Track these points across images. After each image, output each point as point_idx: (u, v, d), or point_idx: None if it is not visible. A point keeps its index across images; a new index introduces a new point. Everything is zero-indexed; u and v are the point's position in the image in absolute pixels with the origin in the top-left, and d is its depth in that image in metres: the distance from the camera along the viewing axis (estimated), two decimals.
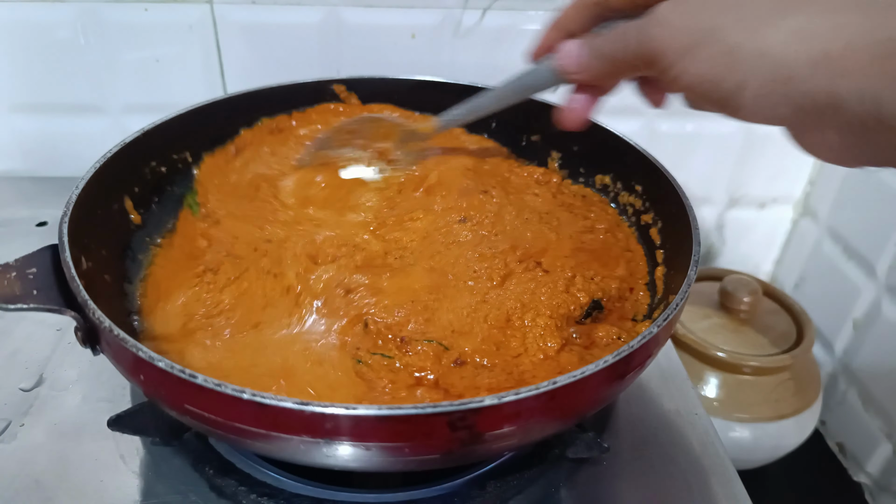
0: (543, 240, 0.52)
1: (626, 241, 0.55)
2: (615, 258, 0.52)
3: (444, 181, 0.56)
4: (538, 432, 0.37)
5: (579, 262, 0.50)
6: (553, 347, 0.43)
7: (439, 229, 0.52)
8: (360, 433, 0.32)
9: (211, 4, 0.72)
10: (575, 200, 0.59)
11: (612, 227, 0.55)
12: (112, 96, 0.77)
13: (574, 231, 0.54)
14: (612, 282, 0.49)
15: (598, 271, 0.50)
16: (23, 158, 0.81)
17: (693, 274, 0.41)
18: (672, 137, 0.84)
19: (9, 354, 0.54)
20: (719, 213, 0.92)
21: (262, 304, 0.46)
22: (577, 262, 0.50)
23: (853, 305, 0.81)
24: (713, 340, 0.74)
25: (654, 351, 0.40)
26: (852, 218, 0.83)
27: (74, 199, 0.44)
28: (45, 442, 0.47)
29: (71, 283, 0.38)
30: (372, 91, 0.66)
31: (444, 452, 0.34)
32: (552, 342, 0.43)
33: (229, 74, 0.77)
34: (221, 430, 0.35)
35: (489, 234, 0.52)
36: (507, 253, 0.49)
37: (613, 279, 0.49)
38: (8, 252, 0.40)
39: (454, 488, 0.45)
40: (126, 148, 0.51)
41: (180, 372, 0.32)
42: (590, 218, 0.56)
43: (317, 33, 0.74)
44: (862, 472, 0.80)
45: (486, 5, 0.74)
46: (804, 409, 0.74)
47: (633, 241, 0.55)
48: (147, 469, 0.45)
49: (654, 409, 0.52)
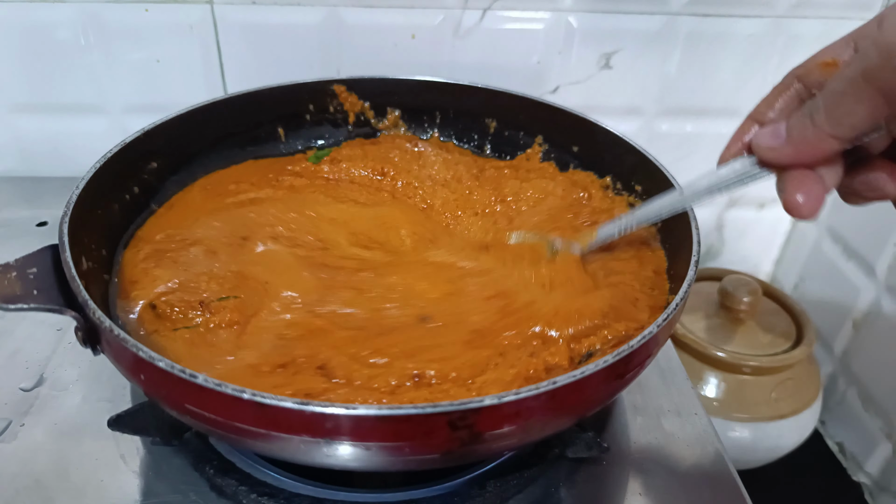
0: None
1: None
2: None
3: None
4: (538, 432, 0.37)
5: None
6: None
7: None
8: (360, 433, 0.32)
9: (211, 5, 0.72)
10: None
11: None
12: (112, 96, 0.77)
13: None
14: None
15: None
16: (23, 158, 0.81)
17: (693, 274, 0.41)
18: (672, 137, 0.84)
19: (9, 354, 0.54)
20: (719, 213, 0.92)
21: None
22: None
23: (853, 305, 0.81)
24: (713, 340, 0.74)
25: (653, 351, 0.40)
26: (852, 218, 0.83)
27: (75, 199, 0.44)
28: (46, 442, 0.47)
29: (71, 284, 0.38)
30: (372, 91, 0.66)
31: (444, 452, 0.34)
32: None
33: (229, 75, 0.77)
34: (221, 430, 0.35)
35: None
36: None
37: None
38: (8, 252, 0.40)
39: (454, 488, 0.45)
40: (126, 148, 0.51)
41: (181, 372, 0.32)
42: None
43: (317, 34, 0.75)
44: (861, 472, 0.80)
45: (486, 5, 0.74)
46: (804, 409, 0.74)
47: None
48: (147, 469, 0.45)
49: (654, 409, 0.52)
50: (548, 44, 0.76)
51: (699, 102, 0.82)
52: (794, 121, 0.33)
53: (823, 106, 0.31)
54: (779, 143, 0.34)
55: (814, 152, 0.33)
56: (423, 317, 0.45)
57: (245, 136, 0.64)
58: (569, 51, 0.77)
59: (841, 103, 0.30)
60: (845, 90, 0.30)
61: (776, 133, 0.34)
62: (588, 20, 0.75)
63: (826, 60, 0.35)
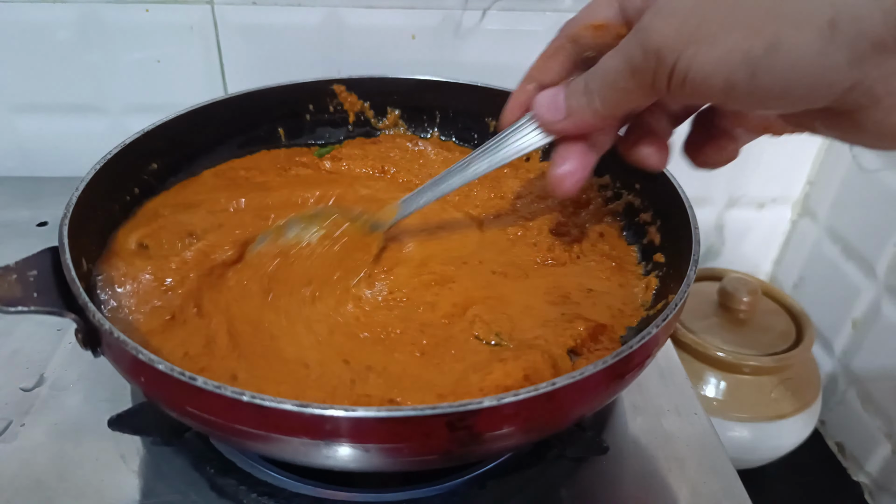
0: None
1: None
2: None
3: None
4: (537, 432, 0.37)
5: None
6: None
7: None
8: (360, 434, 0.32)
9: (212, 5, 0.72)
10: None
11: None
12: (112, 97, 0.77)
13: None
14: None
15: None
16: (23, 158, 0.81)
17: (693, 274, 0.41)
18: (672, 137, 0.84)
19: (9, 354, 0.54)
20: (719, 213, 0.92)
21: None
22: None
23: (853, 305, 0.81)
24: (713, 340, 0.74)
25: (653, 351, 0.40)
26: (852, 218, 0.83)
27: (75, 200, 0.44)
28: (46, 442, 0.47)
29: (71, 286, 0.38)
30: (372, 91, 0.66)
31: (444, 453, 0.34)
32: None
33: (230, 75, 0.77)
34: (221, 432, 0.35)
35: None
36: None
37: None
38: (8, 252, 0.40)
39: (454, 488, 0.45)
40: (127, 149, 0.51)
41: (180, 374, 0.32)
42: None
43: (317, 34, 0.74)
44: (861, 471, 0.80)
45: (486, 6, 0.74)
46: (804, 408, 0.74)
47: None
48: (147, 469, 0.46)
49: (654, 409, 0.52)
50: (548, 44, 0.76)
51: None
52: (573, 99, 0.36)
53: (598, 92, 0.34)
54: (559, 117, 0.37)
55: (591, 128, 0.37)
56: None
57: (245, 136, 0.64)
58: None
59: (614, 92, 0.34)
60: (616, 81, 0.33)
61: (556, 106, 0.37)
62: None
63: (595, 23, 0.37)
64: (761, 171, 0.88)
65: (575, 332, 0.44)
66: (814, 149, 0.87)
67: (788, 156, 0.87)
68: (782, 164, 0.88)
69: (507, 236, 0.55)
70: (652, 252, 0.52)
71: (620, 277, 0.51)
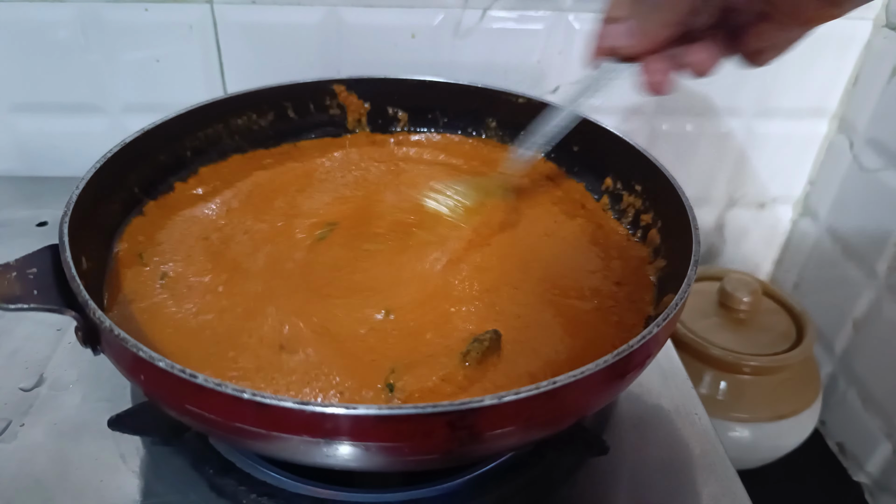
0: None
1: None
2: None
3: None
4: (538, 432, 0.37)
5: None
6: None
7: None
8: (360, 433, 0.32)
9: (211, 4, 0.72)
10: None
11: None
12: (112, 96, 0.77)
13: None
14: None
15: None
16: (23, 158, 0.81)
17: (693, 274, 0.41)
18: (672, 137, 0.84)
19: (9, 354, 0.54)
20: (719, 213, 0.92)
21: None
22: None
23: (853, 305, 0.81)
24: (713, 340, 0.74)
25: (653, 351, 0.40)
26: (852, 218, 0.83)
27: (75, 199, 0.44)
28: (45, 442, 0.47)
29: (71, 283, 0.38)
30: (372, 91, 0.66)
31: (444, 452, 0.34)
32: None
33: (229, 74, 0.77)
34: (221, 430, 0.35)
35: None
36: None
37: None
38: (8, 252, 0.40)
39: (454, 488, 0.45)
40: (126, 148, 0.51)
41: (181, 372, 0.32)
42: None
43: (317, 33, 0.75)
44: (862, 471, 0.80)
45: (486, 5, 0.74)
46: (804, 409, 0.74)
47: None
48: (147, 469, 0.45)
49: (654, 409, 0.52)
50: (548, 44, 0.76)
51: (699, 102, 0.82)
52: (638, 20, 0.41)
53: (655, 6, 0.40)
54: (633, 41, 0.42)
55: (659, 40, 0.42)
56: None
57: (245, 136, 0.64)
58: (569, 51, 0.77)
59: (664, 4, 0.40)
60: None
61: (630, 33, 0.42)
62: (588, 20, 0.75)
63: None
64: (762, 171, 0.88)
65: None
66: (814, 149, 0.87)
67: (789, 155, 0.87)
68: (783, 164, 0.88)
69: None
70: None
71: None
